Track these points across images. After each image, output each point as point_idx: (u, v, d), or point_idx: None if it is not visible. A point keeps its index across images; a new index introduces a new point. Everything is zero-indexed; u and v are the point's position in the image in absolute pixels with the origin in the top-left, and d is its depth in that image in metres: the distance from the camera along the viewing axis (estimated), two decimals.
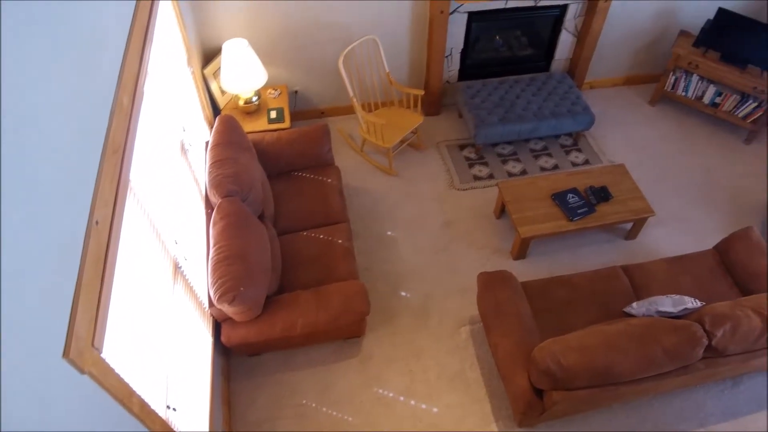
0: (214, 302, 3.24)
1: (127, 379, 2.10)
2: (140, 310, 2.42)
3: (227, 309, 3.28)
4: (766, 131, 5.90)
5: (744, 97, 5.59)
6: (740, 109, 5.66)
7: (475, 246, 4.66)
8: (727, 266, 4.11)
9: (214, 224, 3.51)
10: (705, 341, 3.17)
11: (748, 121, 5.66)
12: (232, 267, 3.26)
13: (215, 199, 3.65)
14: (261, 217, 3.91)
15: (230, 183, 3.61)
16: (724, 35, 5.47)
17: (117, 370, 2.01)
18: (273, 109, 4.87)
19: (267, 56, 4.94)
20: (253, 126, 4.76)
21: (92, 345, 1.76)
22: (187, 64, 4.12)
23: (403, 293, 4.33)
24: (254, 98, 4.80)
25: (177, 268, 3.11)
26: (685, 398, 3.86)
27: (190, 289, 3.30)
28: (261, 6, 4.59)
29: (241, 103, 4.79)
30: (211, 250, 3.41)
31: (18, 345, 1.38)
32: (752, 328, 3.22)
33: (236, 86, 4.53)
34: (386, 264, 4.51)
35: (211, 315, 3.58)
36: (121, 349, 2.13)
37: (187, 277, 3.26)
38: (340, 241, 4.03)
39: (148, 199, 2.75)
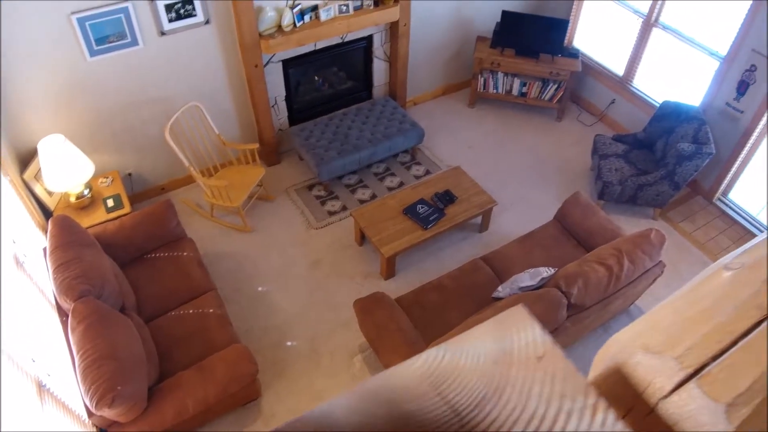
0: (93, 410, 3.06)
1: None
2: None
3: (109, 413, 3.10)
4: (572, 107, 6.60)
5: (545, 82, 6.23)
6: (545, 93, 6.31)
7: (346, 277, 4.77)
8: (568, 230, 4.54)
9: (73, 330, 3.31)
10: (565, 302, 3.48)
11: (554, 101, 6.32)
12: (102, 368, 3.09)
13: (68, 305, 3.45)
14: (123, 310, 3.74)
15: (80, 283, 3.43)
16: (513, 33, 6.09)
17: None
18: (109, 198, 4.69)
19: (89, 146, 4.76)
20: (92, 219, 4.55)
21: None
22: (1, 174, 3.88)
23: (289, 343, 4.31)
24: (86, 191, 4.60)
25: (41, 387, 2.91)
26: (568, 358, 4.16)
27: (63, 405, 3.09)
28: (68, 96, 4.44)
29: (72, 199, 4.57)
30: (77, 358, 3.21)
31: None
32: (600, 277, 3.58)
33: (62, 184, 4.32)
34: (265, 320, 4.47)
35: (94, 425, 3.35)
36: None
37: (55, 394, 3.05)
38: (211, 311, 3.95)
39: None
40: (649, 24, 5.56)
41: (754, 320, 0.46)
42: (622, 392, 0.53)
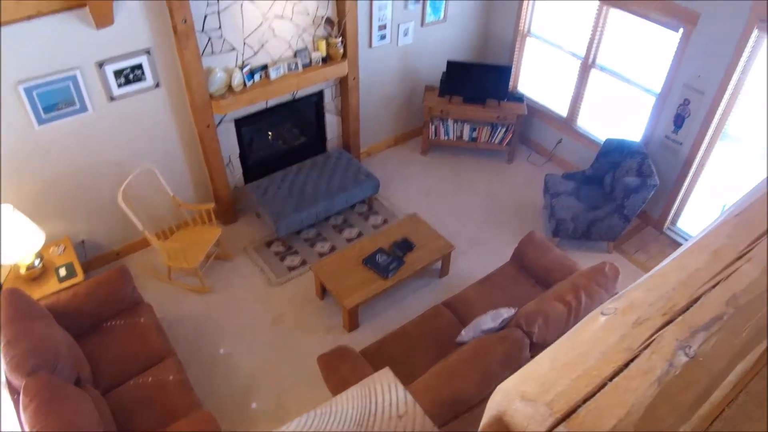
0: None
1: None
2: None
3: None
4: (522, 148, 6.79)
5: (494, 127, 6.42)
6: (495, 137, 6.48)
7: (309, 331, 4.72)
8: (525, 270, 4.60)
9: (25, 409, 3.18)
10: (527, 340, 3.51)
11: (504, 144, 6.49)
12: None
13: (19, 382, 3.32)
14: (78, 383, 3.61)
15: (30, 358, 3.32)
16: (459, 82, 6.28)
17: None
18: (61, 267, 4.58)
19: (39, 214, 4.66)
20: (44, 290, 4.43)
21: None
22: None
23: (254, 404, 4.21)
24: (36, 262, 4.49)
25: None
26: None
27: None
28: (16, 165, 4.36)
29: (22, 271, 4.45)
30: None
31: None
32: (559, 314, 3.64)
33: (11, 256, 4.21)
34: (229, 381, 4.37)
35: None
36: None
37: None
38: (171, 377, 3.85)
39: None
40: (587, 66, 5.82)
41: (621, 363, 0.49)
42: None
